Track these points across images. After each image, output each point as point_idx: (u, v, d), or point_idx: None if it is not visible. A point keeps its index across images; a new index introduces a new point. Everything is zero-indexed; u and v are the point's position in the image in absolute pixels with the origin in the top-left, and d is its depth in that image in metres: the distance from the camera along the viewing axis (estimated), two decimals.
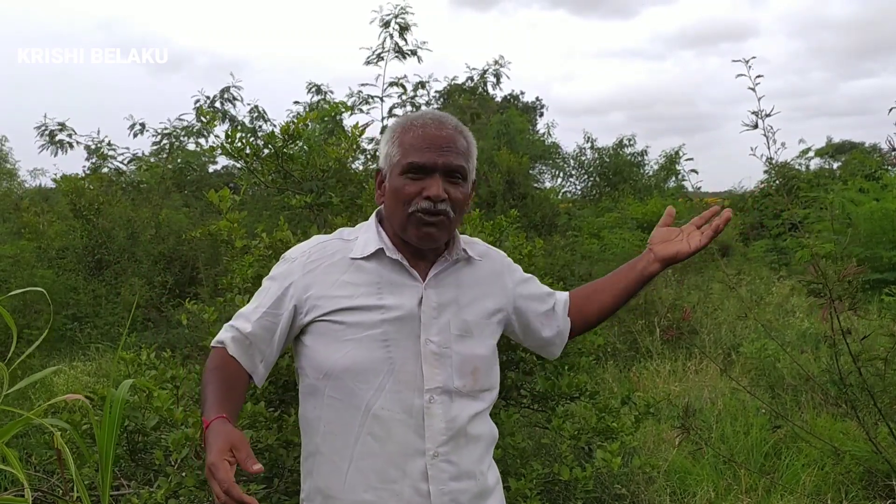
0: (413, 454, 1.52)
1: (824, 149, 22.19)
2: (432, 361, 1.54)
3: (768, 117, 3.35)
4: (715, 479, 3.94)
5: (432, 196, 1.51)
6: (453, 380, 1.55)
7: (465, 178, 1.58)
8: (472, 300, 1.63)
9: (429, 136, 1.54)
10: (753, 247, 13.61)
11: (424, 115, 1.60)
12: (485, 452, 1.64)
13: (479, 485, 1.60)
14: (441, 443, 1.53)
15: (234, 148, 3.39)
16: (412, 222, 1.54)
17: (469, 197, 1.64)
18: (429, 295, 1.58)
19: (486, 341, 1.64)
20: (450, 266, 1.63)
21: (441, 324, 1.57)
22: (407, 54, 7.50)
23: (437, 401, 1.53)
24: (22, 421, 1.61)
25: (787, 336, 6.31)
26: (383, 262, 1.58)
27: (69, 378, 5.93)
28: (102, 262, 9.51)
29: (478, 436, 1.60)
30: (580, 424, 3.14)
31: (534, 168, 18.19)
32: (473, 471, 1.58)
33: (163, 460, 2.70)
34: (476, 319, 1.62)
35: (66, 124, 11.51)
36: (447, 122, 1.58)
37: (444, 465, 1.53)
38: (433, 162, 1.52)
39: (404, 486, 1.51)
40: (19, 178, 21.07)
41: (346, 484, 1.53)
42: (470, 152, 1.60)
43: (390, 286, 1.57)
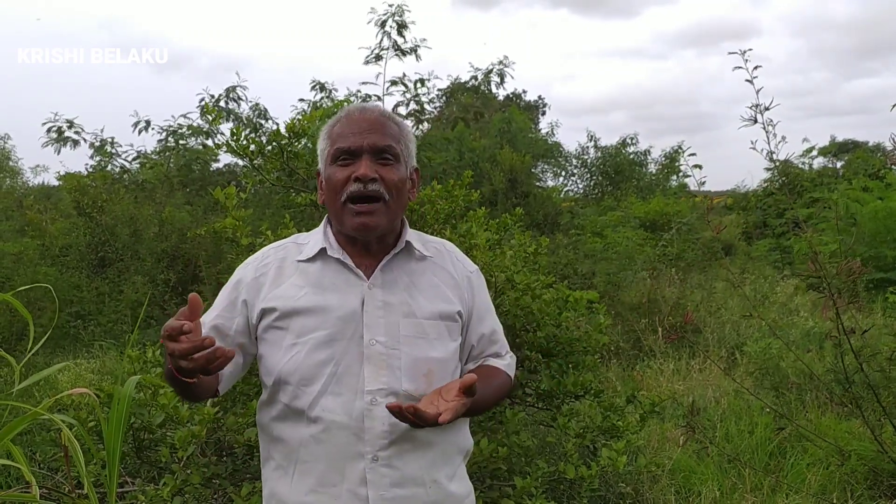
0: (352, 457, 1.48)
1: (827, 148, 22.15)
2: (377, 362, 1.50)
3: (767, 111, 3.33)
4: (720, 479, 3.94)
5: (360, 175, 1.49)
6: (401, 382, 1.50)
7: (397, 158, 1.55)
8: (427, 301, 1.57)
9: (353, 121, 1.55)
10: (756, 246, 13.60)
11: (349, 108, 1.61)
12: (441, 460, 1.56)
13: (432, 493, 1.53)
14: (381, 447, 1.48)
15: (240, 146, 3.38)
16: (347, 212, 1.52)
17: (410, 182, 1.61)
18: (374, 294, 1.54)
19: (444, 343, 1.57)
20: (398, 261, 1.59)
21: (389, 323, 1.52)
22: (406, 52, 7.51)
23: (380, 403, 1.48)
24: (30, 416, 1.61)
25: (791, 335, 6.30)
26: (327, 263, 1.56)
27: (73, 375, 5.93)
28: (105, 259, 9.51)
29: (429, 441, 1.53)
30: (585, 423, 3.14)
31: (536, 167, 18.18)
32: (422, 477, 1.52)
33: (169, 457, 2.70)
34: (432, 321, 1.56)
35: (74, 121, 11.55)
36: (371, 108, 1.59)
37: (384, 470, 1.49)
38: (358, 144, 1.52)
39: (342, 490, 1.48)
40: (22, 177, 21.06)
41: (292, 488, 1.52)
42: (402, 135, 1.58)
43: (333, 287, 1.54)
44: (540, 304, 3.23)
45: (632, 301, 7.85)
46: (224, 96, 11.13)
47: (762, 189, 16.83)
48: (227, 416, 2.78)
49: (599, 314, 3.44)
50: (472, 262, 1.75)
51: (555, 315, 3.29)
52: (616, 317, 7.08)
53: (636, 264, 9.14)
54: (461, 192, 3.50)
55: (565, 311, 3.33)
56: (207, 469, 2.73)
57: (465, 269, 1.68)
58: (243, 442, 2.73)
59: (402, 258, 1.60)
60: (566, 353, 3.29)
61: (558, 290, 3.36)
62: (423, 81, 9.64)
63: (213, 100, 11.01)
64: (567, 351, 3.29)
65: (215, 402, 2.87)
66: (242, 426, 2.75)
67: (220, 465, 2.79)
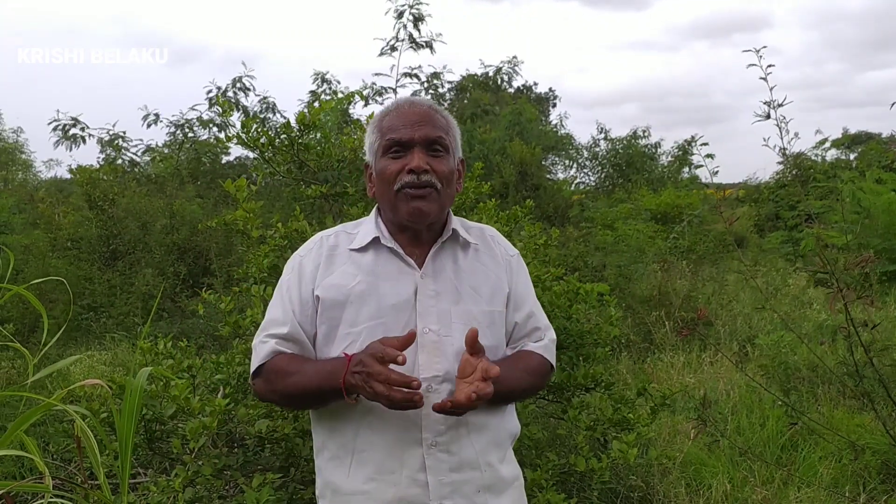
0: (410, 444, 1.51)
1: (840, 140, 21.96)
2: (431, 350, 1.52)
3: (780, 107, 3.31)
4: (731, 472, 3.92)
5: (414, 167, 1.52)
6: (455, 369, 1.52)
7: (446, 150, 1.58)
8: (474, 287, 1.60)
9: (403, 114, 1.57)
10: (769, 238, 13.50)
11: (398, 100, 1.63)
12: (493, 444, 1.59)
13: (486, 477, 1.56)
14: (439, 432, 1.51)
15: (250, 138, 3.38)
16: (400, 199, 1.54)
17: (457, 173, 1.64)
18: (425, 283, 1.56)
19: (493, 331, 1.60)
20: (446, 250, 1.61)
21: (440, 311, 1.55)
22: (421, 45, 7.48)
23: (436, 390, 1.51)
24: (43, 407, 1.61)
25: (803, 328, 6.26)
26: (380, 252, 1.59)
27: (85, 367, 5.97)
28: (117, 252, 9.56)
29: (482, 425, 1.57)
30: (596, 415, 3.13)
31: (546, 159, 18.14)
32: (477, 461, 1.55)
33: (180, 449, 2.71)
34: (480, 308, 1.59)
35: (78, 119, 11.58)
36: (421, 102, 1.61)
37: (442, 456, 1.51)
38: (410, 136, 1.54)
39: (402, 477, 1.51)
40: (35, 170, 21.19)
41: (350, 476, 1.54)
42: (449, 127, 1.61)
43: (386, 275, 1.57)
44: (550, 296, 3.22)
45: (643, 294, 7.82)
46: (231, 87, 11.14)
47: (774, 181, 16.72)
48: (239, 408, 2.78)
49: (610, 307, 3.43)
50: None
51: (565, 307, 3.29)
52: (627, 309, 7.05)
53: (647, 257, 9.09)
54: (472, 184, 3.49)
55: (576, 303, 3.32)
56: (219, 460, 2.74)
57: (506, 252, 1.71)
58: (254, 433, 2.74)
59: (450, 246, 1.63)
60: (577, 346, 3.28)
61: (569, 283, 3.35)
62: (438, 75, 9.63)
63: (220, 91, 11.02)
64: (578, 343, 3.29)
65: (226, 394, 2.88)
66: (254, 418, 2.76)
67: (231, 457, 2.80)
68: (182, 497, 2.62)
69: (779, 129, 3.35)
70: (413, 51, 7.49)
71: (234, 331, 3.00)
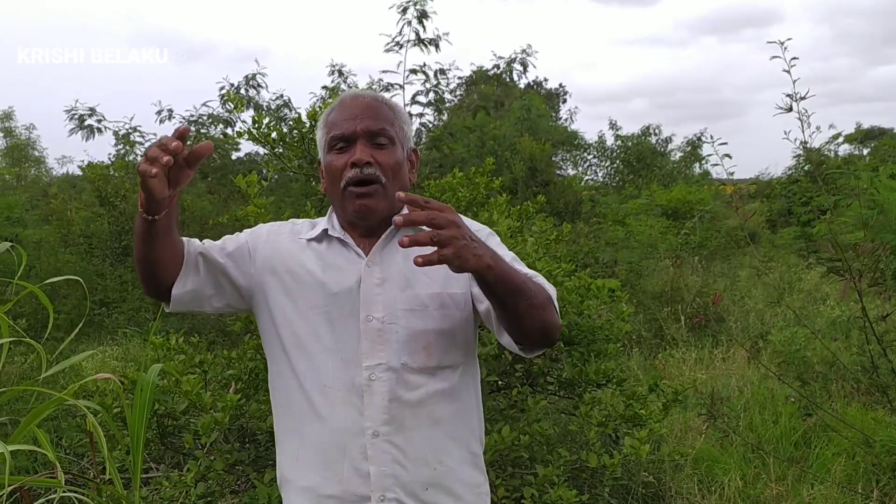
0: (354, 433, 1.48)
1: (853, 135, 21.83)
2: (374, 338, 1.49)
3: (803, 100, 3.29)
4: (743, 468, 3.90)
5: (356, 160, 1.50)
6: (400, 356, 1.49)
7: (391, 141, 1.55)
8: (425, 272, 1.51)
9: (345, 108, 1.57)
10: (781, 234, 13.42)
11: (343, 95, 1.62)
12: (450, 440, 1.52)
13: (437, 475, 1.50)
14: (382, 422, 1.47)
15: (261, 133, 3.39)
16: (347, 198, 1.53)
17: (408, 164, 1.61)
18: (371, 271, 1.54)
19: (447, 315, 1.53)
20: (397, 238, 1.53)
21: (386, 299, 1.52)
22: (426, 44, 7.42)
23: (379, 378, 1.48)
24: (56, 401, 1.62)
25: (817, 324, 6.22)
26: (332, 243, 1.59)
27: (97, 362, 6.00)
28: (128, 248, 9.60)
29: (437, 419, 1.51)
30: (608, 411, 3.11)
31: (556, 155, 18.09)
32: (426, 457, 1.49)
33: (192, 444, 2.72)
34: (431, 292, 1.53)
35: (95, 109, 11.62)
36: (364, 94, 1.61)
37: (385, 446, 1.47)
38: (352, 130, 1.53)
39: (344, 466, 1.48)
40: (47, 166, 21.31)
41: (298, 465, 1.54)
42: (396, 118, 1.58)
43: (333, 265, 1.56)
44: (562, 291, 3.21)
45: (654, 289, 7.79)
46: (244, 84, 11.16)
47: (787, 176, 16.62)
48: (250, 404, 2.79)
49: (621, 302, 3.42)
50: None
51: (577, 303, 3.27)
52: (638, 305, 7.03)
53: (658, 252, 9.06)
54: (483, 180, 3.48)
55: (587, 299, 3.31)
56: (230, 455, 2.74)
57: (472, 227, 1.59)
58: (266, 429, 2.74)
59: (402, 232, 1.55)
60: (588, 342, 3.27)
61: (580, 279, 3.34)
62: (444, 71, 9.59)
63: (233, 88, 11.04)
64: (589, 339, 3.27)
65: (238, 390, 2.88)
66: (265, 413, 2.77)
67: (243, 452, 2.81)
68: (194, 492, 2.63)
69: (800, 122, 3.32)
70: (420, 49, 7.46)
71: (245, 326, 3.00)
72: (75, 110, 11.54)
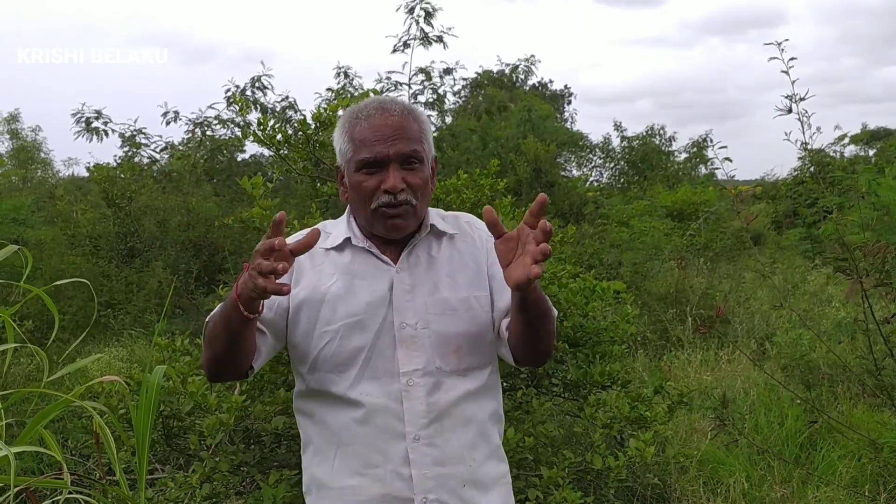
0: (394, 438, 1.50)
1: (859, 135, 21.76)
2: (409, 344, 1.52)
3: (803, 101, 3.28)
4: (749, 470, 3.89)
5: (390, 188, 1.50)
6: (434, 361, 1.52)
7: (421, 161, 1.55)
8: (450, 276, 1.58)
9: (375, 127, 1.52)
10: (787, 235, 13.39)
11: (368, 105, 1.57)
12: (479, 437, 1.57)
13: (472, 472, 1.55)
14: (422, 426, 1.51)
15: (266, 135, 3.39)
16: (377, 217, 1.53)
17: (431, 178, 1.61)
18: (401, 278, 1.55)
19: (474, 317, 1.57)
20: (421, 243, 1.59)
21: (417, 305, 1.54)
22: (432, 40, 7.46)
23: (417, 383, 1.51)
24: (62, 402, 1.62)
25: (822, 326, 6.20)
26: (356, 250, 1.58)
27: (103, 364, 6.01)
28: (134, 249, 9.63)
29: (468, 418, 1.55)
30: (613, 413, 3.11)
31: (560, 156, 18.07)
32: (463, 455, 1.54)
33: (198, 445, 2.73)
34: (458, 295, 1.57)
35: (101, 112, 11.65)
36: (392, 109, 1.55)
37: (426, 449, 1.51)
38: (384, 154, 1.51)
39: (386, 471, 1.50)
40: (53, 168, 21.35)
41: (334, 471, 1.54)
42: (423, 133, 1.57)
43: (361, 274, 1.56)
44: (566, 293, 3.21)
45: (659, 291, 7.78)
46: (250, 86, 11.17)
47: (792, 178, 16.57)
48: (255, 405, 2.80)
49: (626, 304, 3.41)
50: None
51: (581, 305, 3.27)
52: (643, 307, 7.02)
53: (663, 254, 9.04)
54: (487, 181, 3.48)
55: (592, 300, 3.31)
56: (235, 457, 2.75)
57: (483, 231, 1.65)
58: (271, 430, 2.75)
59: (425, 239, 1.61)
60: (593, 343, 3.27)
61: (585, 280, 3.34)
62: (449, 71, 9.61)
63: (239, 90, 11.06)
64: (594, 341, 3.27)
65: (243, 391, 2.89)
66: (270, 414, 2.77)
67: (248, 453, 2.82)
68: (199, 493, 2.64)
69: (801, 123, 3.31)
70: (424, 47, 7.49)
71: None
72: (82, 113, 11.58)
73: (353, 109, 1.59)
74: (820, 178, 4.23)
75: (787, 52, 3.18)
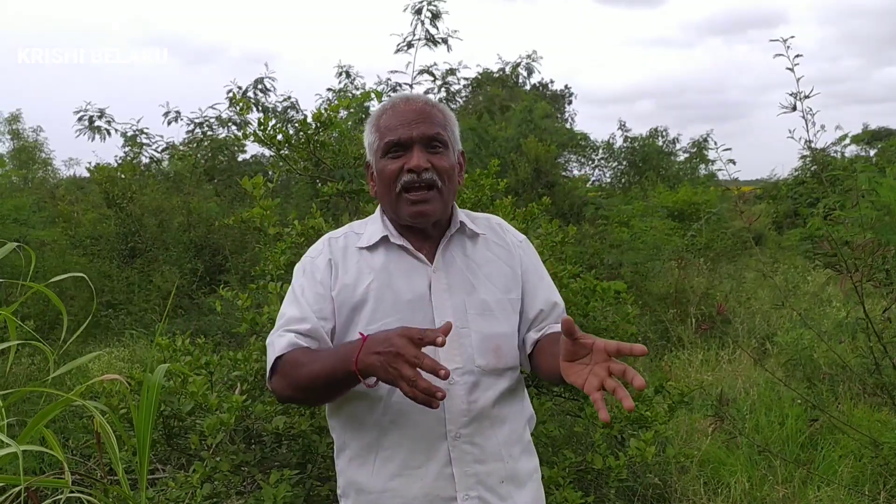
0: (435, 438, 1.51)
1: (860, 136, 21.71)
2: (450, 343, 1.50)
3: (807, 99, 3.27)
4: (749, 470, 3.89)
5: (414, 167, 1.52)
6: (474, 359, 1.54)
7: (445, 145, 1.57)
8: (487, 277, 1.60)
9: (400, 113, 1.56)
10: (787, 235, 13.38)
11: (394, 98, 1.62)
12: (514, 434, 1.60)
13: (508, 468, 1.57)
14: (462, 424, 1.52)
15: (267, 135, 3.40)
16: (402, 202, 1.54)
17: (458, 168, 1.63)
18: (438, 277, 1.57)
19: (507, 318, 1.61)
20: (455, 242, 1.61)
21: (455, 304, 1.55)
22: (438, 42, 7.47)
23: (457, 382, 1.52)
24: (63, 402, 1.62)
25: (823, 325, 6.20)
26: (390, 249, 1.59)
27: (104, 364, 6.02)
28: (135, 249, 9.64)
29: (504, 416, 1.58)
30: (613, 413, 3.11)
31: (562, 157, 18.06)
32: (500, 453, 1.56)
33: (198, 445, 2.73)
34: (496, 297, 1.59)
35: (105, 111, 11.67)
36: (416, 98, 1.60)
37: (467, 447, 1.52)
38: (408, 136, 1.53)
39: (428, 470, 1.51)
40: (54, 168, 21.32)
41: (374, 474, 1.54)
42: (447, 121, 1.60)
43: (399, 272, 1.57)
44: (567, 293, 3.21)
45: (660, 291, 7.78)
46: (252, 87, 11.19)
47: (793, 178, 16.57)
48: (256, 405, 2.80)
49: (627, 304, 3.41)
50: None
51: (582, 305, 3.27)
52: (644, 307, 7.02)
53: (664, 254, 9.04)
54: (488, 182, 3.48)
55: (593, 300, 3.31)
56: (236, 456, 2.75)
57: (515, 238, 1.72)
58: (271, 430, 2.75)
59: (458, 239, 1.63)
60: None
61: (585, 280, 3.34)
62: (453, 71, 9.63)
63: (241, 91, 11.07)
64: None
65: (243, 391, 2.89)
66: (270, 414, 2.77)
67: (248, 453, 2.82)
68: (200, 493, 2.64)
69: (805, 121, 3.31)
70: (429, 48, 7.49)
71: (251, 328, 3.01)
72: (85, 111, 11.60)
73: (380, 106, 1.63)
74: (822, 178, 4.21)
75: (791, 51, 3.18)
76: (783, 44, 3.12)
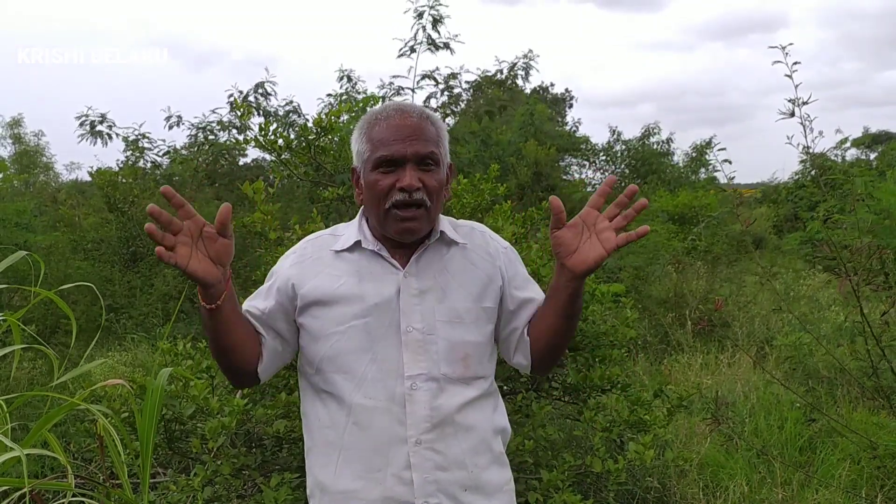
0: (396, 442, 1.52)
1: (861, 139, 21.75)
2: (414, 348, 1.53)
3: (805, 105, 3.29)
4: (748, 473, 3.91)
5: (406, 186, 1.51)
6: (440, 367, 1.54)
7: (437, 164, 1.56)
8: (461, 285, 1.60)
9: (394, 127, 1.54)
10: (787, 239, 13.39)
11: (388, 108, 1.59)
12: (481, 443, 1.59)
13: (473, 477, 1.56)
14: (424, 430, 1.52)
15: (268, 140, 3.42)
16: (390, 219, 1.54)
17: (447, 182, 1.63)
18: (409, 282, 1.57)
19: (479, 327, 1.60)
20: (432, 250, 1.61)
21: (424, 310, 1.55)
22: (439, 46, 7.46)
23: (420, 388, 1.52)
24: (67, 406, 1.64)
25: (822, 329, 6.22)
26: (364, 253, 1.60)
27: (106, 368, 6.04)
28: (137, 254, 9.65)
29: (470, 425, 1.57)
30: (612, 417, 3.13)
31: (562, 160, 18.07)
32: (464, 461, 1.55)
33: (200, 448, 2.74)
34: (466, 305, 1.59)
35: (106, 116, 11.68)
36: (411, 111, 1.58)
37: (427, 454, 1.52)
38: (402, 153, 1.52)
39: (387, 475, 1.52)
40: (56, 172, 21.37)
41: (336, 474, 1.56)
42: (440, 137, 1.59)
43: (370, 276, 1.57)
44: None
45: (659, 295, 7.79)
46: (253, 91, 11.19)
47: (793, 181, 16.58)
48: (257, 408, 2.81)
49: (626, 308, 3.43)
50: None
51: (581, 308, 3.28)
52: (643, 311, 7.03)
53: (663, 258, 9.05)
54: (487, 186, 3.50)
55: (592, 304, 3.32)
56: (237, 460, 2.76)
57: (499, 244, 1.71)
58: (272, 433, 2.77)
59: (436, 246, 1.62)
60: (593, 347, 3.28)
61: (585, 284, 3.34)
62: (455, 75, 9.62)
63: (242, 95, 11.08)
64: (594, 345, 3.28)
65: (245, 395, 2.91)
66: (271, 418, 2.79)
67: (249, 457, 2.83)
68: (201, 496, 2.65)
69: (803, 127, 3.32)
70: (431, 52, 7.49)
71: None
72: (86, 116, 11.60)
73: (372, 112, 1.62)
74: (820, 182, 4.23)
75: (790, 57, 3.20)
76: (782, 50, 3.14)
